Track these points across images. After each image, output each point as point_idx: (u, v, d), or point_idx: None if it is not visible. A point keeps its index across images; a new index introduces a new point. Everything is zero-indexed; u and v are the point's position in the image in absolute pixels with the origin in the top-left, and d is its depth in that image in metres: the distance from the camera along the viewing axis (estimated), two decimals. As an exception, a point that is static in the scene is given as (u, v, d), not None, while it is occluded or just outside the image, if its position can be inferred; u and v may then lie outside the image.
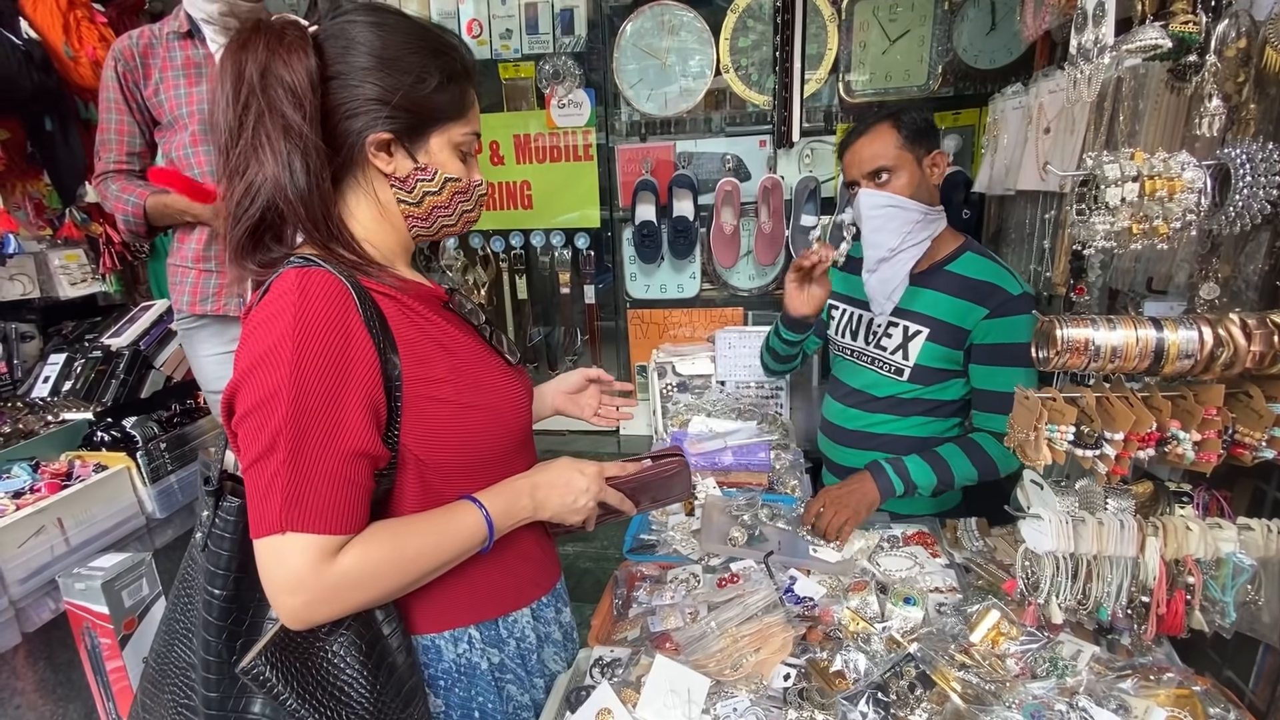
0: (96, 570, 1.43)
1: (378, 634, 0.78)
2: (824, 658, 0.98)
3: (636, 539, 1.42)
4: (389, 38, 0.78)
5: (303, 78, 0.72)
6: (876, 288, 1.43)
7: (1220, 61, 0.84)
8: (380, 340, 0.75)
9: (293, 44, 0.73)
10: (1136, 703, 0.86)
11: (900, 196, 1.37)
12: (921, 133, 1.37)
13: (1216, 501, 0.93)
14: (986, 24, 1.88)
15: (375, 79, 0.77)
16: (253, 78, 0.72)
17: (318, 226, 0.77)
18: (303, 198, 0.75)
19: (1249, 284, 0.91)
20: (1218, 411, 0.84)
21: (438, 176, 0.83)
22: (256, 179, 0.74)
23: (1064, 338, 0.84)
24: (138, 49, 1.61)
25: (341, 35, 0.77)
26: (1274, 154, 0.77)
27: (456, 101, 0.82)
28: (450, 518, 0.79)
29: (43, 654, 1.50)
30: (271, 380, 0.69)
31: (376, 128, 0.78)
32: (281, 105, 0.72)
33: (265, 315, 0.72)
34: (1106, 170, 0.82)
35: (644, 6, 2.02)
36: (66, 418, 1.82)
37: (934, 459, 1.40)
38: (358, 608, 0.74)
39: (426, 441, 0.79)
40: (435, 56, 0.80)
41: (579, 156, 2.15)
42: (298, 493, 0.68)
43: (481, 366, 0.85)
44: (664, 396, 2.12)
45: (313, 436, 0.69)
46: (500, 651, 0.91)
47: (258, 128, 0.73)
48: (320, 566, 0.68)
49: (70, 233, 2.09)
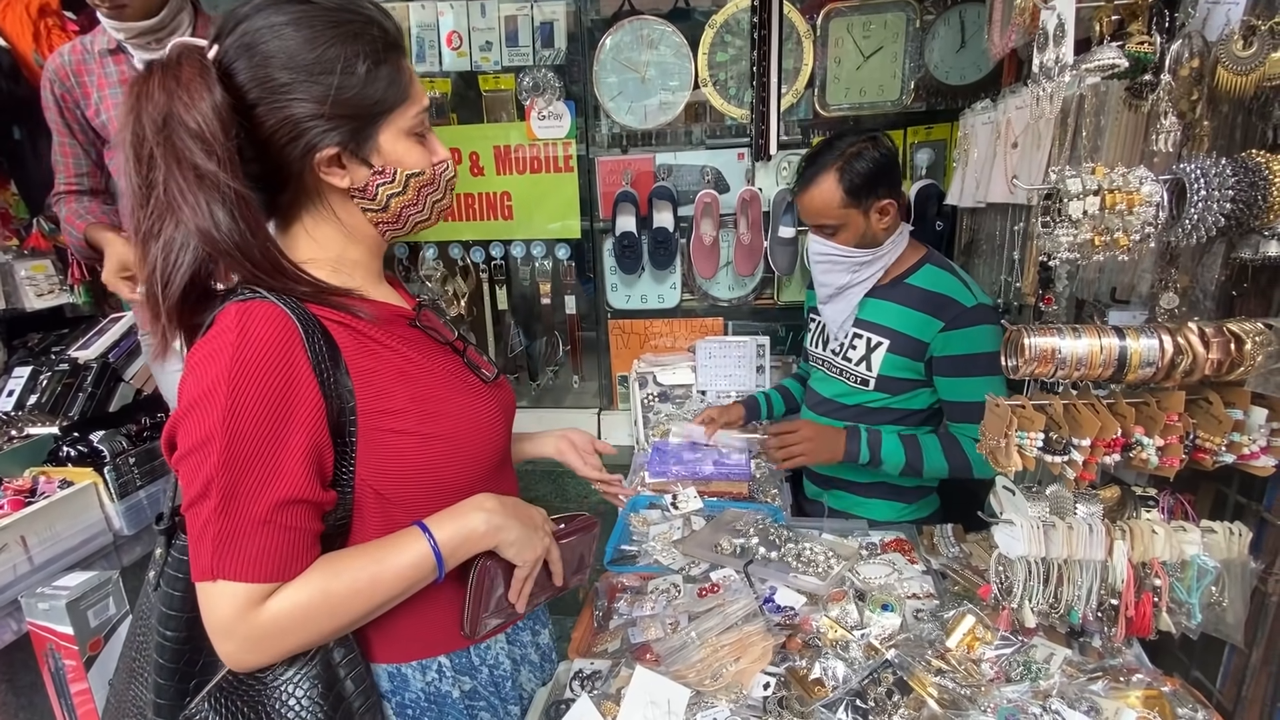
0: (61, 590, 1.39)
1: (335, 675, 0.75)
2: (803, 666, 0.98)
3: (617, 550, 1.42)
4: (300, 36, 0.69)
5: (210, 117, 0.65)
6: (831, 317, 1.55)
7: (1174, 80, 0.88)
8: (330, 376, 0.71)
9: (191, 81, 0.65)
10: (1107, 704, 0.87)
11: (844, 247, 1.44)
12: (868, 183, 1.37)
13: (1181, 505, 0.96)
14: (957, 41, 1.93)
15: (300, 92, 0.70)
16: (152, 130, 0.65)
17: (260, 269, 0.71)
18: (237, 244, 0.68)
19: (1206, 293, 0.94)
20: (1179, 417, 0.86)
21: (399, 176, 0.77)
22: (176, 237, 0.67)
23: (1031, 346, 0.86)
24: (70, 68, 1.56)
25: (247, 50, 0.69)
26: (1227, 169, 0.80)
27: (393, 83, 0.74)
28: (393, 550, 0.74)
29: (4, 676, 1.45)
30: (206, 425, 0.66)
31: (319, 144, 0.72)
32: (190, 155, 0.65)
33: (204, 353, 0.69)
34: (1069, 184, 0.84)
35: (623, 20, 2.04)
36: (31, 432, 1.76)
37: (910, 443, 1.45)
38: (294, 650, 0.71)
39: (385, 475, 0.76)
40: (354, 40, 0.71)
41: (559, 168, 2.16)
42: (227, 541, 0.66)
43: (447, 390, 0.81)
44: (645, 406, 2.13)
45: (245, 485, 0.66)
46: (472, 679, 0.88)
47: (168, 183, 0.66)
48: (247, 614, 0.66)
49: (37, 243, 2.04)
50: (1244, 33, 0.80)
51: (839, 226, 1.41)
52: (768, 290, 2.22)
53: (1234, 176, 0.80)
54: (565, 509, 1.01)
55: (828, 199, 1.38)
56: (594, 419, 2.31)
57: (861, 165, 1.36)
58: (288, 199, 0.77)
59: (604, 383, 2.35)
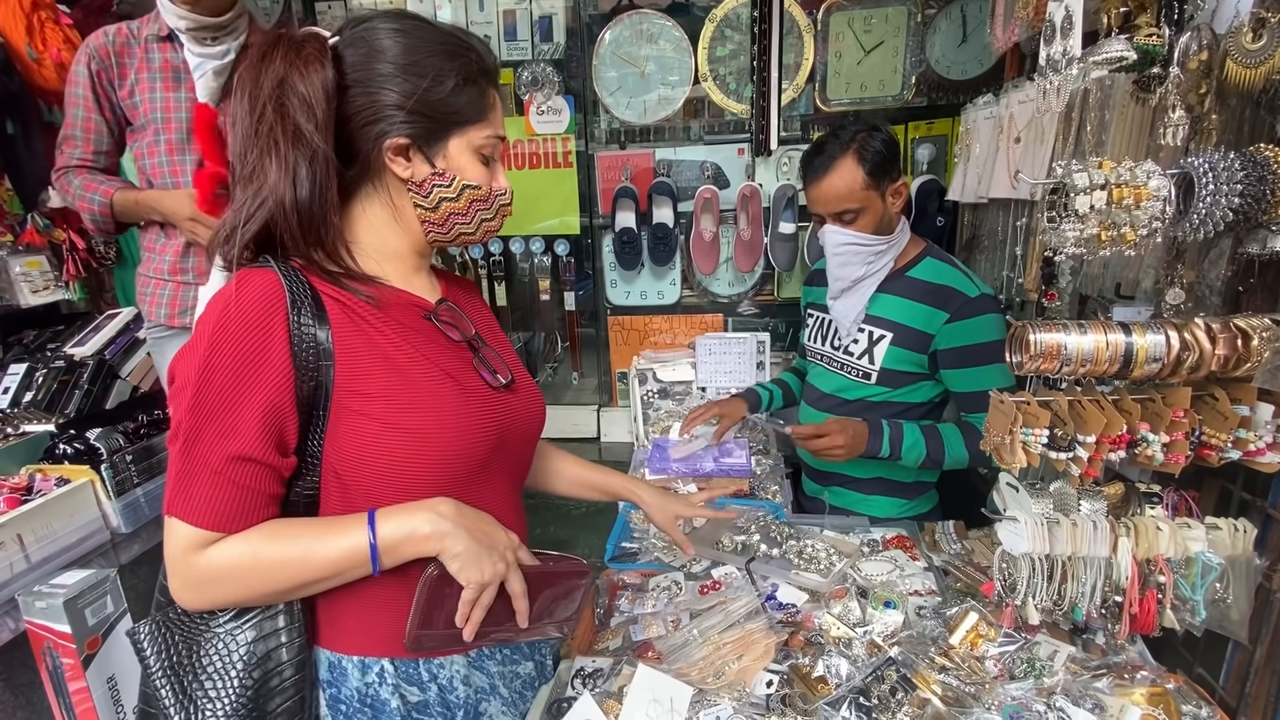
0: (58, 588, 1.38)
1: (272, 642, 0.77)
2: (806, 663, 0.98)
3: (618, 547, 1.41)
4: (406, 42, 0.78)
5: (318, 88, 0.74)
6: (842, 313, 1.51)
7: (1183, 73, 0.87)
8: (310, 348, 0.74)
9: (310, 56, 0.74)
10: (1112, 701, 0.87)
11: (864, 234, 1.41)
12: (884, 163, 1.37)
13: (1185, 502, 0.95)
14: (958, 36, 1.92)
15: (392, 84, 0.77)
16: (268, 88, 0.74)
17: (305, 234, 0.77)
18: (299, 207, 0.76)
19: (1212, 289, 0.93)
20: (1185, 414, 0.86)
21: (455, 183, 0.82)
22: (264, 187, 0.76)
23: (1037, 342, 0.85)
24: (114, 47, 1.57)
25: (360, 43, 0.78)
26: (1235, 163, 0.80)
27: (475, 103, 0.82)
28: (332, 531, 0.75)
29: (2, 675, 1.44)
30: (187, 370, 0.72)
31: (393, 133, 0.78)
32: (294, 114, 0.74)
33: (208, 309, 0.75)
34: (1075, 179, 0.83)
35: (622, 15, 2.03)
36: (27, 430, 1.75)
37: (931, 434, 1.44)
38: (229, 602, 0.76)
39: (343, 455, 0.76)
40: (452, 58, 0.80)
41: (558, 163, 2.15)
42: (183, 483, 0.72)
43: (432, 386, 0.80)
44: (645, 403, 2.12)
45: (205, 433, 0.71)
46: (421, 692, 0.84)
47: (270, 135, 0.74)
48: (188, 556, 0.72)
49: (32, 239, 2.02)
50: (1253, 25, 0.80)
51: (859, 211, 1.39)
52: (768, 286, 2.21)
53: (1242, 171, 0.79)
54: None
55: (850, 182, 1.36)
56: (593, 416, 2.30)
57: (877, 145, 1.36)
58: (353, 174, 0.82)
59: (603, 379, 2.34)
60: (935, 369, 1.46)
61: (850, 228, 1.41)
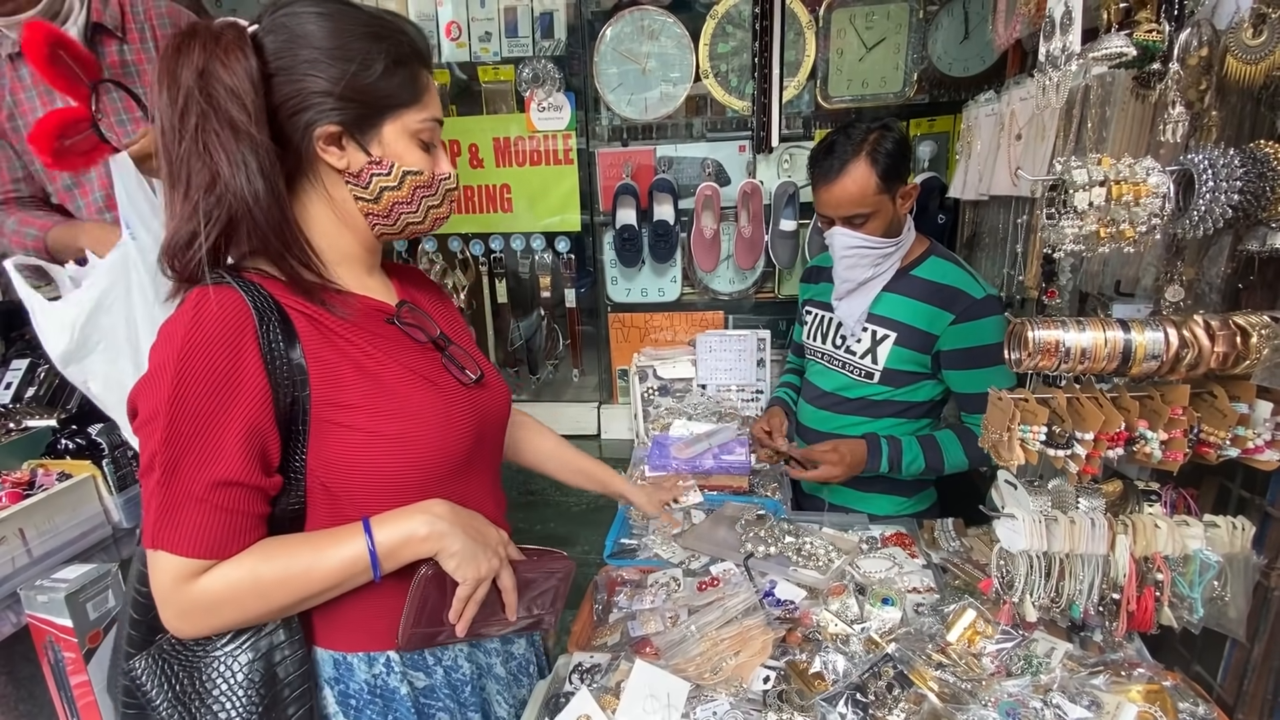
0: (60, 582, 1.39)
1: (274, 657, 0.76)
2: (803, 660, 0.98)
3: (617, 543, 1.42)
4: (331, 25, 0.75)
5: (242, 78, 0.70)
6: (846, 312, 1.50)
7: (1183, 69, 0.87)
8: (283, 365, 0.73)
9: (229, 45, 0.71)
10: (1109, 699, 0.87)
11: (874, 237, 1.39)
12: (896, 164, 1.35)
13: (1183, 499, 0.95)
14: (960, 33, 1.92)
15: (318, 70, 0.74)
16: (189, 81, 0.70)
17: (275, 233, 0.75)
18: (258, 200, 0.72)
19: (1212, 286, 0.93)
20: (1183, 411, 0.86)
21: (396, 170, 0.79)
22: (217, 184, 0.71)
23: (1035, 339, 0.85)
24: None
25: (282, 29, 0.74)
26: (1235, 160, 0.79)
27: (408, 86, 0.79)
28: (331, 543, 0.75)
29: (4, 669, 1.45)
30: (154, 401, 0.70)
31: (322, 120, 0.75)
32: (225, 106, 0.70)
33: (165, 332, 0.73)
34: (1075, 175, 0.83)
35: (624, 11, 2.02)
36: (29, 425, 1.76)
37: (929, 445, 1.44)
38: (228, 626, 0.75)
39: (330, 468, 0.76)
40: (380, 40, 0.76)
41: (559, 160, 2.15)
42: (167, 515, 0.69)
43: (407, 389, 0.80)
44: (645, 400, 2.12)
45: (184, 463, 0.69)
46: (428, 677, 0.86)
47: (203, 128, 0.70)
48: (181, 586, 0.70)
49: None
50: (1254, 21, 0.79)
51: (870, 215, 1.37)
52: (768, 284, 2.21)
53: (1242, 167, 0.78)
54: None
55: (863, 187, 1.34)
56: (594, 413, 2.30)
57: (889, 148, 1.33)
58: (288, 170, 0.78)
59: (604, 376, 2.34)
60: (938, 369, 1.45)
61: (860, 230, 1.39)
